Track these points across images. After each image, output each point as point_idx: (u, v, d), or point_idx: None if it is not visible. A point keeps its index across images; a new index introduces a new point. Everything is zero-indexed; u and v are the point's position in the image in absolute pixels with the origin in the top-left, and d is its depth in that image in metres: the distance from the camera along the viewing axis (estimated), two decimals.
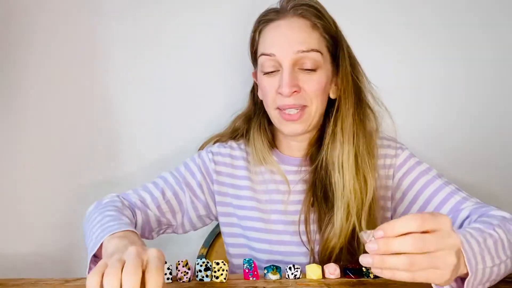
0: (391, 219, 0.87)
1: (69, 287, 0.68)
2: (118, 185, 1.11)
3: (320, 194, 0.83)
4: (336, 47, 0.83)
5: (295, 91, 0.79)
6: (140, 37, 1.11)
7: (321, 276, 0.70)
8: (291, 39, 0.79)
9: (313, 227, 0.84)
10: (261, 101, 0.89)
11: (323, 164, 0.83)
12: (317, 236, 0.83)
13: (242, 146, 0.93)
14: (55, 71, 1.10)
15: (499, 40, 1.12)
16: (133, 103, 1.11)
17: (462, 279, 0.57)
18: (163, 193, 0.86)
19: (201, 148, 0.97)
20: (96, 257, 0.66)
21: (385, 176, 0.85)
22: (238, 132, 0.95)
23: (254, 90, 0.94)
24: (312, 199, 0.84)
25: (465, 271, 0.54)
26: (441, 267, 0.49)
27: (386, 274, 0.49)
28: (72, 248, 1.11)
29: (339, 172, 0.80)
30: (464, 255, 0.53)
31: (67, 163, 1.11)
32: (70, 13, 1.10)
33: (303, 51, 0.78)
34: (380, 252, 0.48)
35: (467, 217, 0.75)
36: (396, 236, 0.48)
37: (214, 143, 0.96)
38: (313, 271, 0.70)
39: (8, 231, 1.10)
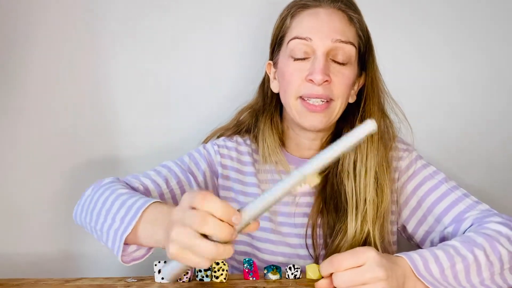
0: (396, 223, 0.85)
1: (69, 287, 0.68)
2: None
3: (330, 200, 0.81)
4: (366, 48, 0.82)
5: (326, 81, 0.76)
6: (139, 32, 1.11)
7: (321, 276, 0.70)
8: (330, 27, 0.77)
9: (319, 231, 0.82)
10: (272, 95, 0.87)
11: (337, 170, 0.80)
12: (322, 240, 0.82)
13: (248, 141, 0.90)
14: (55, 70, 1.10)
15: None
16: (133, 101, 1.11)
17: None
18: (167, 182, 0.80)
19: (205, 141, 0.93)
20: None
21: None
22: (243, 126, 0.92)
23: (265, 83, 0.90)
24: (321, 205, 0.82)
25: None
26: None
27: None
28: (72, 248, 1.11)
29: (355, 179, 0.78)
30: (425, 282, 0.61)
31: (67, 162, 1.11)
32: (71, 13, 1.10)
33: (341, 41, 0.76)
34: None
35: (470, 227, 0.74)
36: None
37: (219, 137, 0.93)
38: (313, 271, 0.70)
39: (8, 231, 1.10)
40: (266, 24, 0.90)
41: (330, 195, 0.81)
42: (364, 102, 0.81)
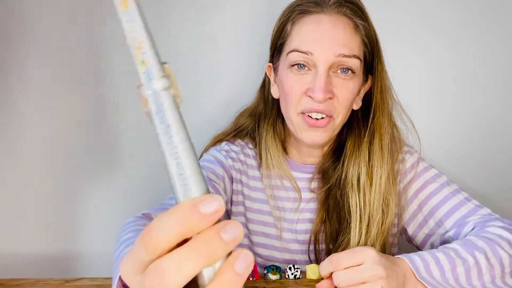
0: (397, 224, 0.84)
1: (69, 287, 0.68)
2: (119, 185, 1.11)
3: (333, 211, 0.79)
4: (372, 56, 0.77)
5: (329, 98, 0.71)
6: None
7: (321, 276, 0.70)
8: (333, 40, 0.71)
9: (321, 239, 0.81)
10: (274, 99, 0.83)
11: (340, 181, 0.78)
12: (324, 246, 0.81)
13: (250, 145, 0.87)
14: (56, 71, 1.10)
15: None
16: (133, 102, 1.11)
17: None
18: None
19: (205, 150, 0.88)
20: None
21: None
22: (243, 130, 0.88)
23: (265, 86, 0.86)
24: (324, 215, 0.80)
25: None
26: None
27: None
28: (72, 248, 1.11)
29: (359, 192, 0.75)
30: (425, 284, 0.61)
31: (67, 163, 1.11)
32: (71, 13, 1.10)
33: (345, 56, 0.71)
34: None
35: (471, 231, 0.73)
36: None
37: (217, 142, 0.88)
38: (313, 271, 0.70)
39: (8, 231, 1.10)
40: (266, 25, 0.89)
41: (333, 206, 0.79)
42: (373, 114, 0.77)
